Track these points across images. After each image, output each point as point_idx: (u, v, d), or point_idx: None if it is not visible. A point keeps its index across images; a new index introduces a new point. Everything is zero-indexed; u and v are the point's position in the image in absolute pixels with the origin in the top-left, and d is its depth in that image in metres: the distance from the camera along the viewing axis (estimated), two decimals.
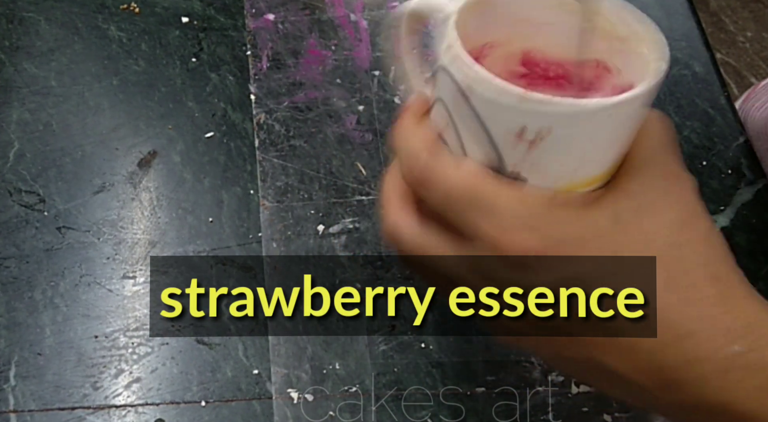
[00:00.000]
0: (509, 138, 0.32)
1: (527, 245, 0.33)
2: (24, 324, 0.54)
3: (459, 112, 0.34)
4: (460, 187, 0.34)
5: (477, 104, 0.33)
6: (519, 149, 0.33)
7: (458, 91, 0.33)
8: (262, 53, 0.68)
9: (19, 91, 0.65)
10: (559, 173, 0.34)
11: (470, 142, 0.34)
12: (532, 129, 0.32)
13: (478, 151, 0.34)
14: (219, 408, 0.52)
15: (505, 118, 0.32)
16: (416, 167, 0.35)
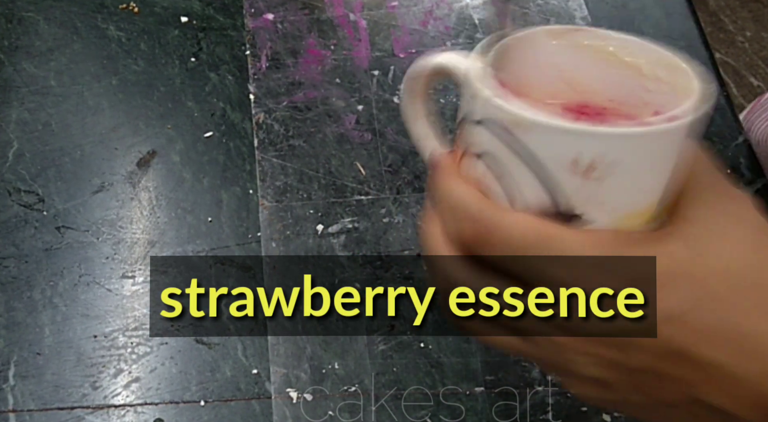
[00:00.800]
0: (564, 169, 0.31)
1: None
2: (23, 323, 0.54)
3: (505, 157, 0.32)
4: (525, 235, 0.32)
5: (528, 141, 0.31)
6: (574, 181, 0.31)
7: (504, 135, 0.32)
8: (261, 53, 0.68)
9: (18, 90, 0.65)
10: (616, 204, 0.32)
11: (519, 186, 0.33)
12: (587, 155, 0.31)
13: (529, 194, 0.32)
14: (218, 407, 0.52)
15: (559, 148, 0.31)
16: (473, 222, 0.33)
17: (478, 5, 0.71)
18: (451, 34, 0.69)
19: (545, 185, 0.32)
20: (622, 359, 0.32)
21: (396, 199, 0.60)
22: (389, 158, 0.62)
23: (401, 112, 0.41)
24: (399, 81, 0.66)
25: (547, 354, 0.34)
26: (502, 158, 0.32)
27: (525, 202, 0.33)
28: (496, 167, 0.33)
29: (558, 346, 0.33)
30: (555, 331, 0.32)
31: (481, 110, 0.33)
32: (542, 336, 0.33)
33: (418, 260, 0.57)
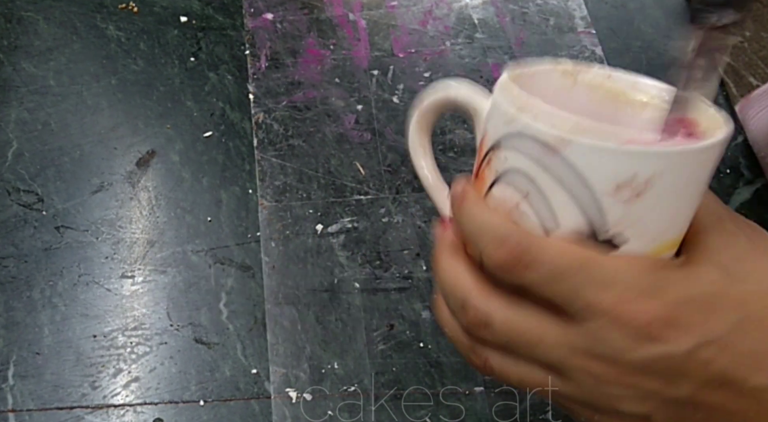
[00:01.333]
0: (608, 193, 0.30)
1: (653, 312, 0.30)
2: (22, 323, 0.54)
3: (539, 180, 0.31)
4: (566, 261, 0.31)
5: (574, 158, 0.30)
6: (618, 206, 0.30)
7: (544, 152, 0.30)
8: (260, 53, 0.68)
9: (17, 90, 0.65)
10: (656, 231, 0.31)
11: (554, 213, 0.31)
12: (641, 176, 0.29)
13: (568, 217, 0.31)
14: (217, 407, 0.52)
15: (605, 169, 0.30)
16: (507, 247, 0.31)
17: (478, 5, 0.71)
18: (451, 33, 0.69)
19: (585, 210, 0.31)
20: (665, 390, 0.31)
21: (395, 198, 0.60)
22: (388, 158, 0.62)
23: (408, 145, 0.40)
24: (398, 81, 0.66)
25: (586, 392, 0.32)
26: (538, 183, 0.31)
27: (560, 229, 0.31)
28: (530, 194, 0.32)
29: (598, 381, 0.32)
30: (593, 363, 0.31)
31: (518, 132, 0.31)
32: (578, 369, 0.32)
33: (418, 259, 0.57)
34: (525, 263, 0.31)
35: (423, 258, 0.57)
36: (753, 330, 0.30)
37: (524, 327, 0.32)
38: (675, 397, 0.31)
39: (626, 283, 0.30)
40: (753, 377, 0.30)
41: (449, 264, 0.35)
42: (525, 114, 0.31)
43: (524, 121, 0.31)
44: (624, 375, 0.31)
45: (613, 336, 0.30)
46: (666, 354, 0.30)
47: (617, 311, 0.30)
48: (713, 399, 0.31)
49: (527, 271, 0.31)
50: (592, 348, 0.31)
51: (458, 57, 0.68)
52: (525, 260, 0.31)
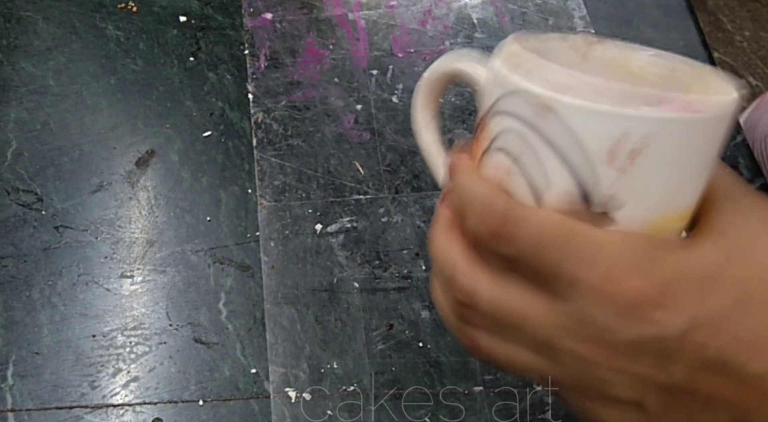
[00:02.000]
0: (605, 153, 0.28)
1: (641, 290, 0.28)
2: (22, 323, 0.54)
3: (530, 146, 0.30)
4: (550, 232, 0.29)
5: (564, 118, 0.29)
6: (611, 172, 0.29)
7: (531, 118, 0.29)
8: (259, 52, 0.68)
9: (16, 90, 0.65)
10: (654, 200, 0.30)
11: (546, 180, 0.30)
12: (629, 140, 0.28)
13: (557, 189, 0.30)
14: (217, 407, 0.52)
15: (597, 131, 0.28)
16: (492, 217, 0.30)
17: (477, 5, 0.71)
18: (450, 33, 0.69)
19: (577, 173, 0.29)
20: (656, 374, 0.29)
21: (395, 198, 0.60)
22: (388, 158, 0.62)
23: (411, 118, 0.40)
24: (398, 80, 0.66)
25: (575, 376, 0.31)
26: (529, 149, 0.30)
27: (553, 200, 0.30)
28: (521, 161, 0.31)
29: (586, 364, 0.30)
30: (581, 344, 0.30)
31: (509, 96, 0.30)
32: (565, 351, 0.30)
33: (417, 259, 0.57)
34: (509, 234, 0.30)
35: (422, 258, 0.57)
36: (754, 313, 0.28)
37: (510, 304, 0.31)
38: (668, 383, 0.29)
39: (615, 258, 0.28)
40: (752, 362, 0.28)
41: (441, 239, 0.34)
42: (517, 72, 0.30)
43: (514, 79, 0.30)
44: (612, 358, 0.29)
45: (600, 314, 0.29)
46: (656, 335, 0.28)
47: (604, 288, 0.28)
48: (710, 386, 0.29)
49: (511, 242, 0.30)
50: (579, 327, 0.29)
51: None
52: (508, 231, 0.30)
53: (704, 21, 1.93)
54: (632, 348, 0.29)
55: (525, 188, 0.31)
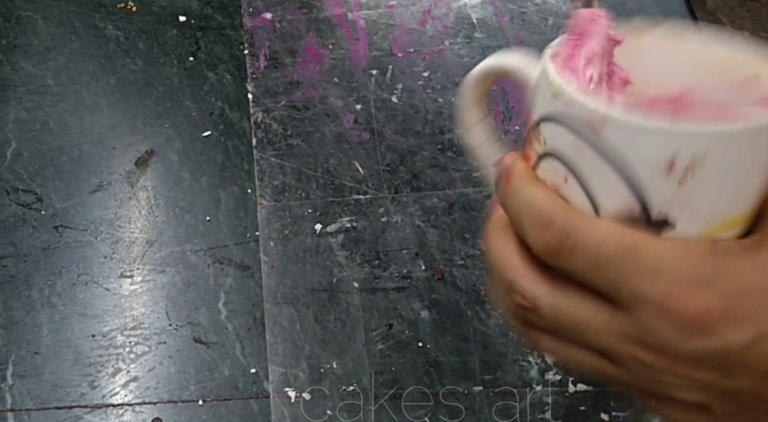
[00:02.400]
0: (657, 172, 0.28)
1: (706, 304, 0.28)
2: (21, 323, 0.54)
3: (586, 158, 0.30)
4: (611, 246, 0.29)
5: (615, 139, 0.28)
6: (668, 185, 0.28)
7: (585, 132, 0.29)
8: (259, 52, 0.68)
9: (16, 89, 0.65)
10: (712, 211, 0.29)
11: (603, 190, 0.30)
12: (685, 156, 0.28)
13: (615, 199, 0.30)
14: (216, 406, 0.52)
15: (652, 148, 0.28)
16: (551, 231, 0.30)
17: (476, 4, 0.71)
18: (450, 33, 0.69)
19: (634, 190, 0.29)
20: (721, 381, 0.29)
21: (394, 198, 0.60)
22: (387, 157, 0.62)
23: (458, 118, 0.39)
24: (397, 80, 0.66)
25: (639, 379, 0.31)
26: (586, 161, 0.30)
27: (611, 210, 0.30)
28: (578, 171, 0.30)
29: (650, 369, 0.30)
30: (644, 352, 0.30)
31: (563, 108, 0.30)
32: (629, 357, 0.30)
33: (416, 259, 0.57)
34: (569, 248, 0.30)
35: (422, 258, 0.57)
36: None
37: (572, 312, 0.31)
38: (734, 389, 0.29)
39: (676, 272, 0.28)
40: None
41: (498, 243, 0.33)
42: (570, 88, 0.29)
43: (567, 96, 0.29)
44: (676, 366, 0.29)
45: (662, 327, 0.29)
46: (720, 347, 0.28)
47: (666, 302, 0.28)
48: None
49: (571, 257, 0.30)
50: (642, 337, 0.29)
51: (457, 56, 0.68)
52: (569, 245, 0.30)
53: (704, 21, 1.93)
54: (695, 359, 0.29)
55: (582, 197, 0.30)
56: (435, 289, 0.56)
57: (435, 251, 0.57)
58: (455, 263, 0.57)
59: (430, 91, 0.66)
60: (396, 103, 0.65)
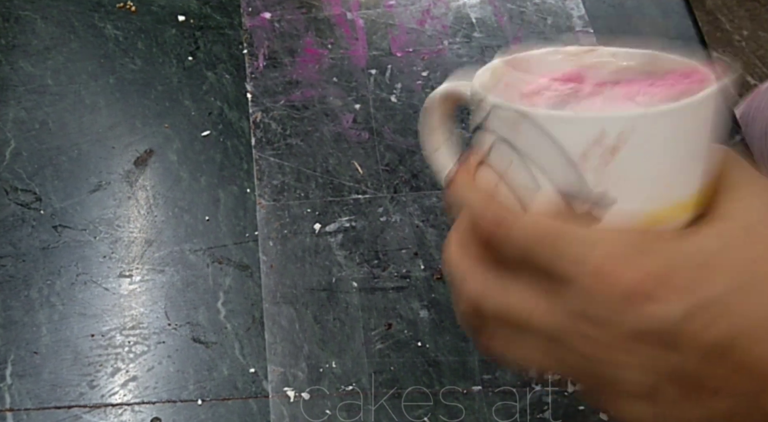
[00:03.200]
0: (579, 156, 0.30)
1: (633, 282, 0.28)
2: (20, 322, 0.54)
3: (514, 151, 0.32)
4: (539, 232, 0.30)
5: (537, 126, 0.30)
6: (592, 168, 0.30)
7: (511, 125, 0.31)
8: (258, 52, 0.68)
9: (15, 89, 0.65)
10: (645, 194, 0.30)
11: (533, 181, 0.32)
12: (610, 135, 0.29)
13: (556, 178, 0.31)
14: (215, 406, 0.52)
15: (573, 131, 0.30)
16: (484, 222, 0.32)
17: (475, 4, 0.71)
18: (449, 32, 0.69)
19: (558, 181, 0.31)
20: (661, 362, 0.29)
21: (393, 197, 0.60)
22: (386, 157, 0.62)
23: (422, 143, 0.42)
24: (396, 80, 0.66)
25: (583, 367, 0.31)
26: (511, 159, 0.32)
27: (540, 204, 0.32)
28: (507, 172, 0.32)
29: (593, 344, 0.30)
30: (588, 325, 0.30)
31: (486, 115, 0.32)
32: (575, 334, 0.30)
33: (415, 259, 0.57)
34: (501, 236, 0.31)
35: (421, 258, 0.57)
36: (756, 297, 0.28)
37: (513, 306, 0.32)
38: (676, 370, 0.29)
39: (604, 254, 0.29)
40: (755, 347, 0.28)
41: (452, 251, 0.35)
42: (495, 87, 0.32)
43: (490, 98, 0.32)
44: (619, 339, 0.29)
45: (596, 309, 0.29)
46: (654, 324, 0.28)
47: (596, 283, 0.29)
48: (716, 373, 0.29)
49: (505, 244, 0.31)
50: (579, 322, 0.30)
51: (456, 56, 0.68)
52: (501, 233, 0.31)
53: (703, 20, 1.93)
54: (634, 338, 0.29)
55: (512, 198, 0.33)
56: (434, 289, 0.56)
57: (434, 251, 0.57)
58: None
59: (429, 91, 0.66)
60: (395, 103, 0.65)
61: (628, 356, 0.30)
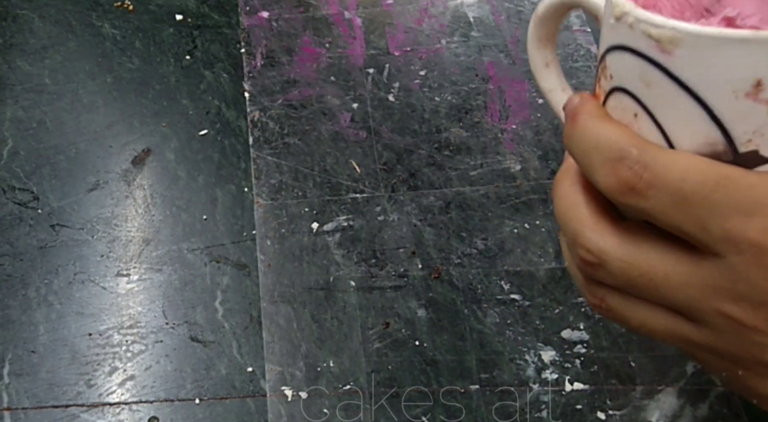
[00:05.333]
0: (742, 94, 0.24)
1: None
2: (18, 321, 0.54)
3: (657, 86, 0.26)
4: (697, 178, 0.25)
5: (690, 59, 0.25)
6: (757, 109, 0.25)
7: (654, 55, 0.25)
8: (256, 51, 0.68)
9: (12, 88, 0.65)
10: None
11: (679, 124, 0.26)
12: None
13: (693, 133, 0.26)
14: (213, 405, 0.52)
15: (735, 66, 0.24)
16: (625, 165, 0.26)
17: (473, 3, 0.71)
18: (446, 31, 0.69)
19: (716, 119, 0.25)
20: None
21: (391, 197, 0.60)
22: (384, 156, 0.62)
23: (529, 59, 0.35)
24: (394, 79, 0.66)
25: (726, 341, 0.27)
26: (657, 90, 0.26)
27: (689, 146, 0.26)
28: (649, 104, 0.27)
29: (738, 327, 0.26)
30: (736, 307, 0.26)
31: (627, 31, 0.26)
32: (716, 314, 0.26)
33: (413, 258, 0.57)
34: (646, 182, 0.26)
35: (419, 257, 0.57)
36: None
37: (645, 265, 0.27)
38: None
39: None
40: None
41: (565, 191, 0.30)
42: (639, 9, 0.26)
43: (632, 15, 0.26)
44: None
45: (762, 275, 0.24)
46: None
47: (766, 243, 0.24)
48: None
49: (650, 194, 0.26)
50: (734, 288, 0.25)
51: (454, 55, 0.68)
52: (646, 178, 0.26)
53: None
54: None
55: (656, 134, 0.27)
56: (432, 288, 0.56)
57: (432, 250, 0.57)
58: (452, 262, 0.57)
59: (426, 90, 0.66)
60: (393, 102, 0.65)
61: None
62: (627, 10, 0.26)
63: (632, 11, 0.26)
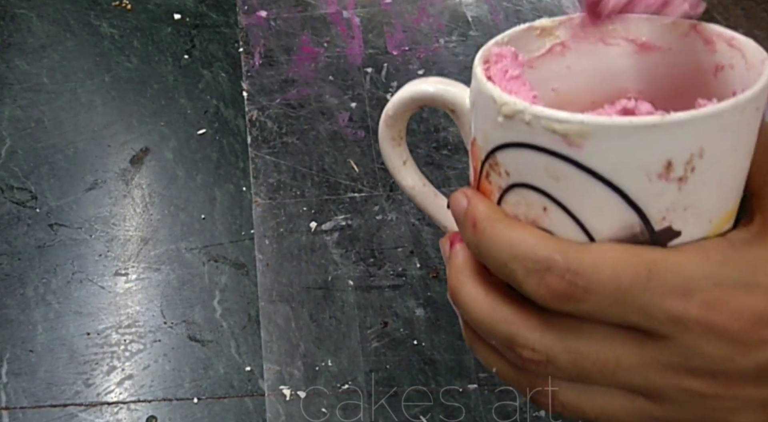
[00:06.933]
0: (654, 176, 0.25)
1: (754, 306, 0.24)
2: (16, 321, 0.54)
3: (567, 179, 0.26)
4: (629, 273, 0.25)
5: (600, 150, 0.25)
6: (669, 188, 0.25)
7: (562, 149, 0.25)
8: (254, 50, 0.68)
9: (10, 87, 0.65)
10: (714, 207, 0.26)
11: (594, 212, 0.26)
12: (683, 152, 0.25)
13: (610, 218, 0.26)
14: (211, 404, 0.52)
15: (645, 151, 0.25)
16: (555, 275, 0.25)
17: (471, 3, 0.71)
18: (445, 31, 0.69)
19: (631, 203, 0.25)
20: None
21: (389, 196, 0.60)
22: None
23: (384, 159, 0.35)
24: (392, 78, 0.66)
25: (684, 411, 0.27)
26: (567, 183, 0.26)
27: (607, 232, 0.26)
28: (559, 197, 0.26)
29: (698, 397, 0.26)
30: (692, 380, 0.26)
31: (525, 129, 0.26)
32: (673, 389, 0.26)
33: (411, 257, 0.57)
34: (583, 290, 0.25)
35: (417, 256, 0.57)
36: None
37: (595, 354, 0.27)
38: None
39: (709, 280, 0.25)
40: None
41: (476, 294, 0.28)
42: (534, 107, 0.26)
43: (529, 114, 0.25)
44: (732, 387, 0.26)
45: (711, 346, 0.25)
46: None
47: (709, 317, 0.24)
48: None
49: (587, 298, 0.25)
50: (689, 363, 0.26)
51: (452, 54, 0.68)
52: (581, 287, 0.25)
53: (699, 19, 1.93)
54: (755, 374, 0.26)
55: (570, 225, 0.27)
56: (430, 287, 0.56)
57: (430, 249, 0.57)
58: None
59: None
60: None
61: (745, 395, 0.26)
62: (521, 108, 0.25)
63: (528, 109, 0.25)
